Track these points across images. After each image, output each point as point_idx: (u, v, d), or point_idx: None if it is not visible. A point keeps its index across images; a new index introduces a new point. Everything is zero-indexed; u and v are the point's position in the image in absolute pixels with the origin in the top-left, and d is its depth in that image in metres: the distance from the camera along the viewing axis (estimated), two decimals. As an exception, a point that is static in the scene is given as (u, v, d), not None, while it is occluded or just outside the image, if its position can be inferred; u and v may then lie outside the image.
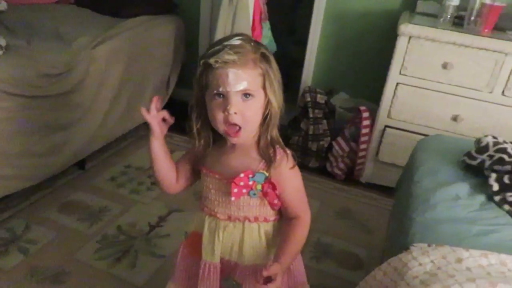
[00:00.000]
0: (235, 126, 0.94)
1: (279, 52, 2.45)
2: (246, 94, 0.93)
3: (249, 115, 0.94)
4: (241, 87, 0.91)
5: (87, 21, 2.30)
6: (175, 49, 2.69)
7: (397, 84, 2.15)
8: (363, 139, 2.36)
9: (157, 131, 1.02)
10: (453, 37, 1.99)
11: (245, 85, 0.91)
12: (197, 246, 1.11)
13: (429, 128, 2.15)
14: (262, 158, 1.00)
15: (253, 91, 0.93)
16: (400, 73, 2.13)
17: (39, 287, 1.57)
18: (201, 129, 1.02)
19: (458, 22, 2.12)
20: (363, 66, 2.61)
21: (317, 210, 2.13)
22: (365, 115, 2.34)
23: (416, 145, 1.67)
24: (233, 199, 0.99)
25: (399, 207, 1.45)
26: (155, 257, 1.76)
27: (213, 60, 0.91)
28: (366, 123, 2.34)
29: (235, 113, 0.92)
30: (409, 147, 1.74)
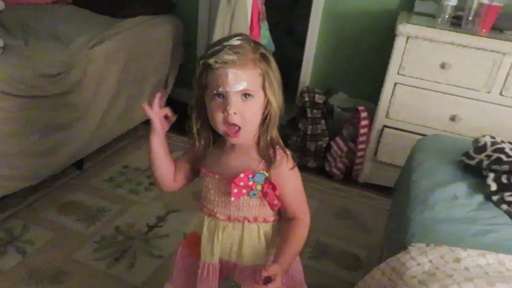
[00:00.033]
0: (234, 126, 0.94)
1: (277, 52, 2.44)
2: (245, 94, 0.93)
3: (249, 115, 0.94)
4: (240, 87, 0.91)
5: (85, 21, 2.29)
6: (173, 49, 2.69)
7: (395, 84, 2.15)
8: (362, 139, 2.36)
9: (158, 128, 1.01)
10: (451, 37, 1.99)
11: (244, 85, 0.92)
12: (196, 246, 1.11)
13: (427, 128, 2.15)
14: (262, 158, 1.00)
15: (252, 91, 0.93)
16: (398, 73, 2.13)
17: (37, 287, 1.56)
18: (201, 129, 1.02)
19: (456, 22, 2.12)
20: (361, 66, 2.61)
21: (316, 210, 2.12)
22: (363, 115, 2.34)
23: (414, 145, 1.67)
24: (232, 199, 0.99)
25: (398, 207, 1.46)
26: (154, 257, 1.76)
27: (212, 60, 0.91)
28: (364, 123, 2.34)
29: (234, 113, 0.92)
30: (407, 147, 1.74)
